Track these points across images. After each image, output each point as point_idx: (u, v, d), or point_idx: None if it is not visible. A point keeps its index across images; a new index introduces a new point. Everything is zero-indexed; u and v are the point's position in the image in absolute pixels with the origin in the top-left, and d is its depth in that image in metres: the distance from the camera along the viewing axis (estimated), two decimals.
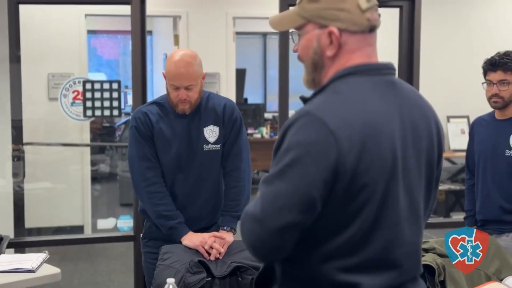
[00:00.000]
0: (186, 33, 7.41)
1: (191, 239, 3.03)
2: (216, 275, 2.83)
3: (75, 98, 4.93)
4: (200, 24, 7.39)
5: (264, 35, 12.19)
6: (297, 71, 2.00)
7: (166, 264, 2.91)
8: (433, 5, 5.05)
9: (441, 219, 5.87)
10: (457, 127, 7.30)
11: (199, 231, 3.10)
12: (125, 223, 4.99)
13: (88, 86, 4.89)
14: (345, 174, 1.64)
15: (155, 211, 3.12)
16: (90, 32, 7.34)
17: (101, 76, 10.44)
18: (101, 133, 8.90)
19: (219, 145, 3.21)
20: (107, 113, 4.95)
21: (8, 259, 3.46)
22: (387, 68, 1.82)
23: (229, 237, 3.12)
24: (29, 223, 5.20)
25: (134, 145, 3.16)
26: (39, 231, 5.76)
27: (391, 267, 1.76)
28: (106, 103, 4.90)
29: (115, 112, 4.99)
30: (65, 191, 6.34)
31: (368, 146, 1.67)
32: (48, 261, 3.45)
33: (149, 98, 4.67)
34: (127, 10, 4.54)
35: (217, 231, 3.12)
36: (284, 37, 4.55)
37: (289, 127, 1.70)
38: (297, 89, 2.35)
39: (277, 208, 1.62)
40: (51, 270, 3.36)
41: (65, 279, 3.43)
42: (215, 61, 7.16)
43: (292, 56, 1.91)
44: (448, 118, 7.13)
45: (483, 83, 3.58)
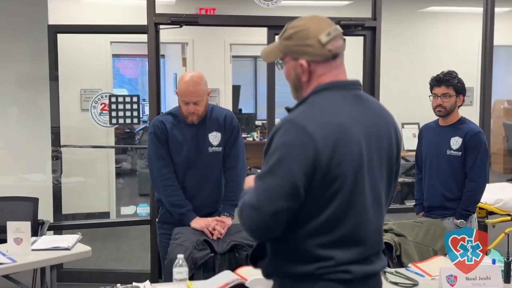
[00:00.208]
0: (192, 57, 7.40)
1: (198, 222, 3.04)
2: (218, 251, 2.84)
3: (102, 109, 4.91)
4: (203, 49, 7.39)
5: (255, 58, 12.18)
6: (282, 86, 2.02)
7: (177, 242, 2.91)
8: (390, 33, 5.06)
9: (397, 206, 5.88)
10: (409, 132, 7.31)
11: (204, 216, 3.10)
12: (143, 209, 4.97)
13: (113, 99, 4.87)
14: (321, 167, 1.65)
15: (169, 201, 3.12)
16: (114, 55, 7.31)
17: (123, 91, 10.34)
18: (123, 137, 8.84)
19: (220, 148, 3.21)
20: (128, 121, 4.93)
21: (48, 239, 3.45)
22: (354, 84, 1.82)
23: (228, 221, 3.12)
24: (65, 210, 5.15)
25: (152, 147, 3.16)
26: (73, 216, 5.72)
27: (359, 243, 1.76)
28: (128, 113, 4.87)
29: (135, 120, 4.96)
30: (94, 184, 6.32)
31: (339, 146, 1.68)
32: (80, 241, 3.43)
33: (162, 109, 4.68)
34: (144, 38, 4.53)
35: (219, 216, 3.12)
36: (271, 62, 4.54)
37: (276, 132, 1.72)
38: (282, 101, 2.37)
39: (270, 198, 1.64)
40: (83, 248, 3.35)
41: (94, 255, 3.42)
42: (216, 79, 7.12)
43: (278, 74, 1.94)
44: (403, 124, 7.15)
45: (429, 96, 3.60)
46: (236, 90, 9.08)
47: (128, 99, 4.91)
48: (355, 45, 4.94)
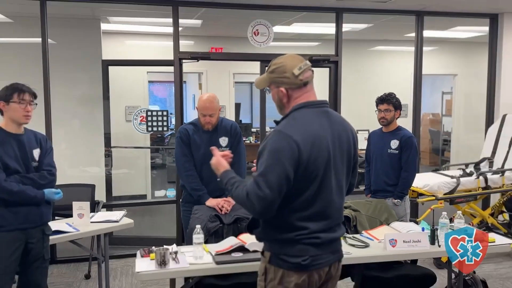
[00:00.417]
0: (206, 82, 7.36)
1: (211, 201, 3.02)
2: (225, 223, 2.83)
3: (141, 120, 4.88)
4: (213, 77, 7.35)
5: (251, 84, 12.14)
6: (271, 104, 2.02)
7: (196, 216, 2.91)
8: (348, 65, 5.06)
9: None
10: (362, 136, 7.23)
11: (215, 197, 3.07)
12: (171, 193, 4.95)
13: (149, 113, 4.84)
14: (302, 163, 1.67)
15: (190, 186, 3.10)
16: (149, 81, 7.28)
17: (156, 107, 10.32)
18: (156, 140, 8.75)
19: (228, 148, 3.17)
20: (159, 129, 4.90)
21: (102, 215, 3.45)
22: (322, 103, 1.83)
23: (232, 200, 3.08)
24: (114, 193, 5.14)
25: (178, 148, 3.14)
26: (120, 198, 5.70)
27: (326, 217, 1.77)
28: (159, 123, 4.85)
29: (165, 128, 4.94)
30: (135, 174, 6.28)
31: (314, 148, 1.69)
32: (125, 215, 3.43)
33: (184, 120, 4.67)
34: (171, 69, 4.54)
35: (226, 197, 3.08)
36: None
37: (269, 139, 1.72)
38: (271, 114, 2.36)
39: (271, 188, 1.64)
40: (127, 221, 3.35)
41: (136, 226, 3.39)
42: (222, 99, 7.03)
43: (267, 96, 1.95)
44: (357, 131, 7.13)
45: (375, 111, 3.59)
46: (238, 107, 9.04)
47: (159, 113, 4.89)
48: (324, 74, 4.98)
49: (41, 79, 4.27)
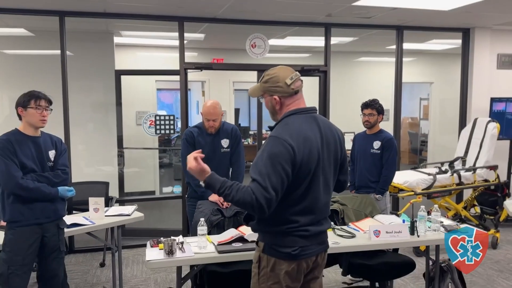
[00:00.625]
0: (208, 90, 7.37)
1: (214, 197, 3.00)
2: (226, 216, 2.83)
3: (150, 124, 4.87)
4: (215, 85, 7.35)
5: None
6: (266, 109, 2.02)
7: (200, 210, 2.91)
8: (336, 74, 5.07)
9: None
10: (348, 138, 7.28)
11: None
12: (177, 189, 4.95)
13: (157, 118, 4.84)
14: (296, 164, 1.67)
15: (194, 183, 3.09)
16: (158, 89, 7.27)
17: (164, 112, 10.29)
18: (164, 142, 8.73)
19: (229, 149, 3.19)
20: (167, 132, 4.90)
21: (115, 209, 3.43)
22: (311, 109, 1.82)
23: None
24: (126, 189, 5.11)
25: (184, 148, 3.13)
26: (131, 194, 5.68)
27: (314, 212, 1.76)
28: (166, 127, 4.85)
29: (171, 131, 4.94)
30: (145, 172, 6.26)
31: (306, 150, 1.69)
32: (136, 209, 3.41)
33: (189, 124, 4.66)
34: (177, 78, 4.54)
35: None
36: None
37: (267, 144, 1.70)
38: (267, 119, 2.35)
39: (275, 189, 1.62)
40: (138, 214, 3.33)
41: (146, 219, 3.38)
42: (223, 104, 7.04)
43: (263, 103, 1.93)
44: (344, 133, 7.13)
45: (360, 115, 3.59)
46: (237, 112, 9.03)
47: (167, 117, 4.88)
48: (314, 82, 4.98)
49: (60, 87, 4.29)
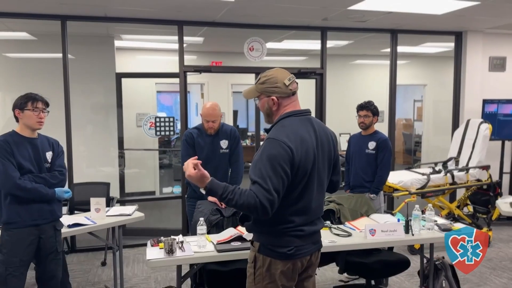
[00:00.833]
0: (207, 92, 7.36)
1: (212, 197, 3.01)
2: (225, 215, 2.83)
3: (150, 126, 4.86)
4: (214, 87, 7.34)
5: None
6: None
7: (199, 210, 2.90)
8: (332, 77, 5.08)
9: None
10: (344, 138, 7.32)
11: None
12: (177, 189, 4.93)
13: (157, 119, 4.83)
14: (295, 165, 1.66)
15: (194, 183, 3.08)
16: (158, 91, 7.25)
17: (164, 114, 10.25)
18: (164, 143, 8.72)
19: (228, 150, 3.18)
20: (167, 133, 4.89)
21: (116, 209, 3.42)
22: (306, 111, 1.82)
23: None
24: (127, 190, 5.10)
25: (184, 149, 3.12)
26: (132, 194, 5.67)
27: (309, 212, 1.76)
28: (166, 128, 4.84)
29: (171, 133, 4.92)
30: (146, 173, 6.25)
31: (303, 151, 1.68)
32: (137, 209, 3.40)
33: (188, 126, 4.66)
34: (177, 80, 4.53)
35: None
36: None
37: (265, 146, 1.69)
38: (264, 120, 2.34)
39: (277, 191, 1.61)
40: (139, 214, 3.32)
41: (146, 219, 3.37)
42: (222, 106, 7.03)
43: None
44: (340, 134, 7.18)
45: (356, 116, 3.59)
46: (235, 113, 9.05)
47: (166, 119, 4.87)
48: (311, 85, 4.99)
49: (62, 90, 4.28)
